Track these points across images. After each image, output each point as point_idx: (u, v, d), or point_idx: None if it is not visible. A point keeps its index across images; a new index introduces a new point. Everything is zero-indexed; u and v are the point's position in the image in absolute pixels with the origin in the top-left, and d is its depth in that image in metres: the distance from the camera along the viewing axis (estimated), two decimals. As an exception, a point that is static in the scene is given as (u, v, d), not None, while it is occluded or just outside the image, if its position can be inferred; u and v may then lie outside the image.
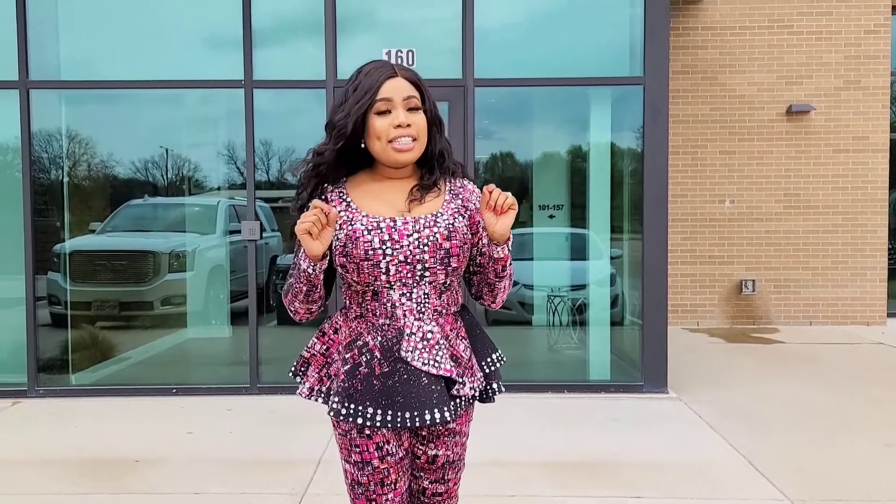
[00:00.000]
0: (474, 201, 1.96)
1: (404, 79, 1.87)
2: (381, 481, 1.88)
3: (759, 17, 8.73)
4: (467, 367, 1.93)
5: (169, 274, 6.80)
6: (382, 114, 1.85)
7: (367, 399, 1.81)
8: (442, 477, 2.01)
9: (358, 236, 1.82)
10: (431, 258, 1.84)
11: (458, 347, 1.92)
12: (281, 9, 5.90)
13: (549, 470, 4.06)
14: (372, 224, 1.84)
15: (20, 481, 3.92)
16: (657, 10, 5.57)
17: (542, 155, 7.26)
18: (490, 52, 5.74)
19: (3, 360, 5.90)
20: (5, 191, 5.90)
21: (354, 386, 1.83)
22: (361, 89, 1.84)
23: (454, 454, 2.00)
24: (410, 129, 1.85)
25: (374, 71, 1.87)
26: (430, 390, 1.82)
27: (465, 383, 1.90)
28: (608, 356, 6.21)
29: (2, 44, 5.67)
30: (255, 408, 5.33)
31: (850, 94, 8.75)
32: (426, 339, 1.85)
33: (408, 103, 1.86)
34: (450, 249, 1.85)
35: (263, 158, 6.32)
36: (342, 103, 1.88)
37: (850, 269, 8.87)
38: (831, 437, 4.63)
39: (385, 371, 1.82)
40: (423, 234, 1.84)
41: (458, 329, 1.95)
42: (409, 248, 1.83)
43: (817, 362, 6.84)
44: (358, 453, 1.86)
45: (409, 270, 1.83)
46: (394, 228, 1.84)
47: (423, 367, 1.83)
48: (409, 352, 1.83)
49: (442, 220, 1.88)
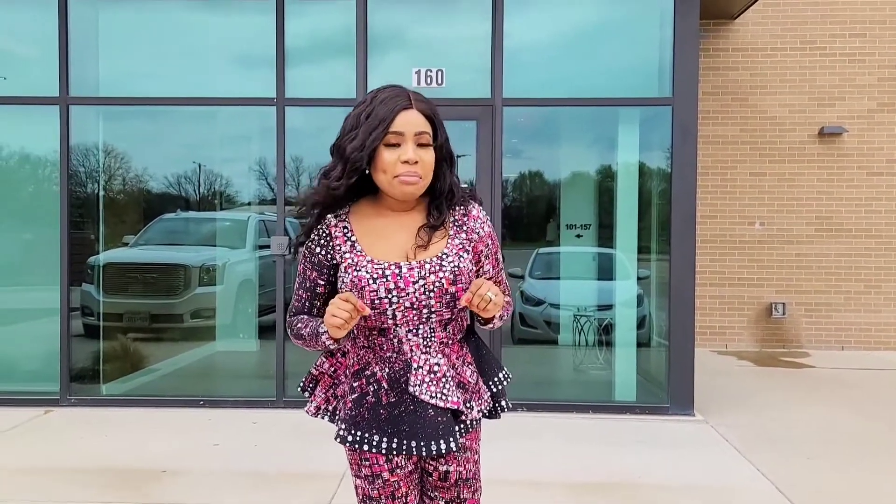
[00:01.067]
0: (478, 229, 1.93)
1: (419, 111, 1.82)
2: (392, 494, 1.89)
3: (790, 39, 8.68)
4: (474, 392, 1.95)
5: (199, 287, 6.89)
6: (391, 146, 1.80)
7: (374, 427, 1.83)
8: (458, 496, 2.00)
9: (364, 285, 1.80)
10: (437, 303, 1.83)
11: (465, 374, 1.94)
12: (313, 29, 6.01)
13: (573, 490, 4.03)
14: (377, 272, 1.81)
15: (49, 488, 4.00)
16: (686, 32, 5.58)
17: (570, 174, 7.26)
18: (519, 71, 5.79)
19: (37, 370, 6.02)
20: (43, 203, 6.06)
21: (361, 414, 1.84)
22: (375, 118, 1.79)
23: (466, 470, 1.99)
24: (416, 167, 1.81)
25: (389, 100, 1.81)
26: (437, 422, 1.82)
27: (473, 407, 1.92)
28: (634, 377, 6.16)
29: (44, 62, 5.85)
30: (280, 421, 5.37)
31: (885, 116, 8.65)
32: (433, 372, 1.85)
33: (418, 139, 1.81)
34: (455, 293, 1.84)
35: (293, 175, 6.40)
36: (354, 128, 1.82)
37: (884, 293, 8.72)
38: (860, 463, 4.54)
39: (392, 401, 1.83)
40: (428, 280, 1.82)
41: (463, 356, 1.96)
42: (416, 294, 1.81)
43: (848, 388, 6.72)
44: (368, 467, 1.88)
45: (415, 314, 1.83)
46: (399, 276, 1.81)
47: (431, 399, 1.83)
48: (417, 385, 1.83)
49: (447, 262, 1.84)
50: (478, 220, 1.94)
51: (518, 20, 5.79)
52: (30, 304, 6.20)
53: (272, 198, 6.37)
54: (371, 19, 5.74)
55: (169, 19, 6.10)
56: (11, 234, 6.22)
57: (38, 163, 6.29)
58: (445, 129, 1.89)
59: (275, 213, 5.96)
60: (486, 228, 1.95)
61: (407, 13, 6.03)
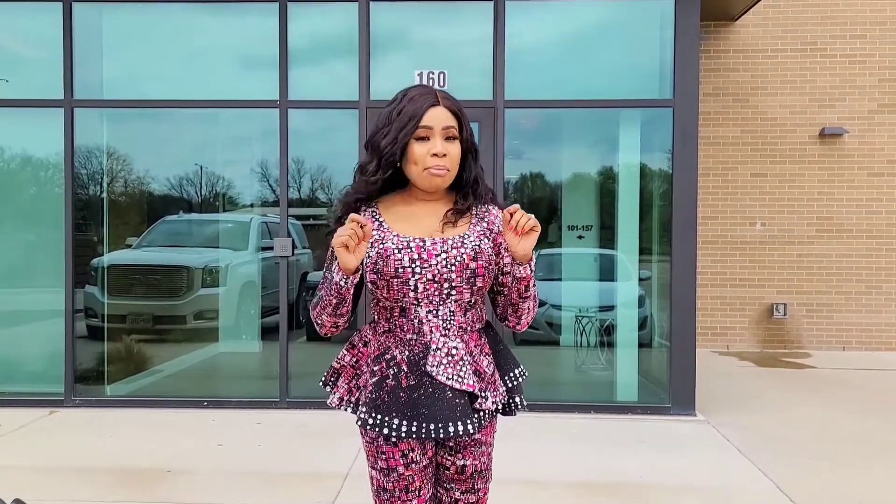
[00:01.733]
0: (498, 224, 2.02)
1: (445, 108, 1.95)
2: (406, 488, 1.95)
3: (791, 41, 8.70)
4: (490, 382, 1.99)
5: (202, 289, 6.92)
6: (421, 140, 1.93)
7: (394, 410, 1.88)
8: (472, 487, 2.08)
9: (389, 254, 1.90)
10: (458, 277, 1.91)
11: (482, 363, 1.99)
12: (316, 31, 6.05)
13: (574, 490, 4.06)
14: (402, 243, 1.92)
15: (54, 488, 4.02)
16: (687, 34, 5.61)
17: (572, 175, 7.28)
18: (520, 73, 5.82)
19: (42, 371, 6.05)
20: (47, 205, 6.09)
21: (381, 397, 1.90)
22: (405, 115, 1.92)
23: (481, 464, 2.06)
24: (445, 160, 1.93)
25: (418, 97, 1.94)
26: (454, 404, 1.89)
27: (488, 397, 1.96)
28: (636, 377, 6.18)
29: (49, 64, 5.89)
30: (284, 422, 5.40)
31: (885, 117, 8.67)
32: (451, 355, 1.92)
33: (446, 132, 1.94)
34: (475, 269, 1.92)
35: (296, 176, 6.43)
36: (386, 125, 1.95)
37: (885, 294, 8.74)
38: (862, 463, 4.56)
39: (411, 384, 1.90)
40: (450, 255, 1.91)
41: (481, 345, 2.01)
42: (437, 267, 1.90)
43: (849, 388, 6.74)
44: (384, 460, 1.94)
45: (437, 289, 1.91)
46: (423, 248, 1.91)
47: (448, 381, 1.89)
48: (434, 366, 1.90)
49: (469, 241, 1.95)
50: (498, 217, 2.05)
51: (519, 22, 5.81)
52: (34, 305, 6.22)
53: (274, 199, 6.40)
54: (373, 22, 5.77)
55: (172, 22, 6.13)
56: (16, 236, 6.26)
57: (43, 165, 6.33)
58: (470, 124, 2.02)
59: (277, 214, 5.99)
60: None
61: (409, 15, 6.06)
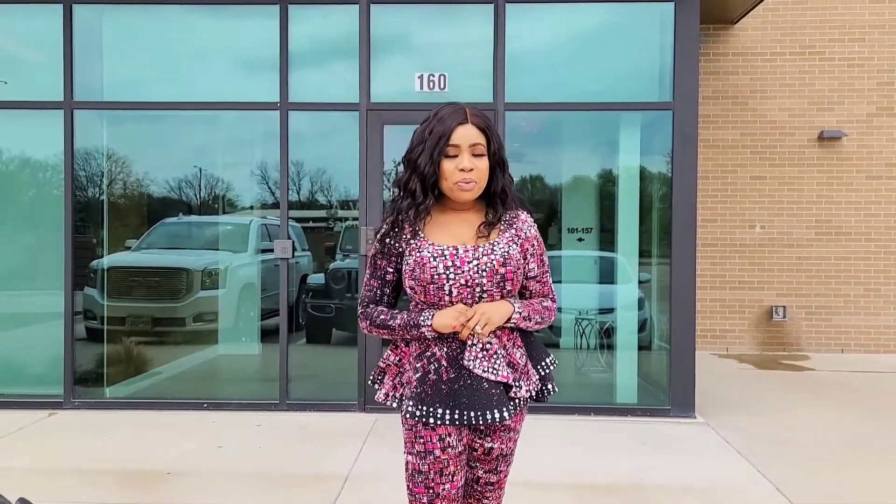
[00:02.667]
0: (525, 230, 2.20)
1: (474, 125, 2.11)
2: (441, 471, 2.10)
3: (790, 44, 8.72)
4: (523, 372, 2.17)
5: (201, 291, 6.92)
6: (451, 157, 2.09)
7: (437, 401, 2.08)
8: (495, 468, 2.26)
9: (425, 262, 2.08)
10: (489, 282, 2.09)
11: (515, 355, 2.16)
12: (316, 33, 6.05)
13: (574, 491, 4.06)
14: (437, 252, 2.10)
15: (55, 489, 4.02)
16: (687, 37, 5.62)
17: (572, 178, 7.29)
18: (521, 76, 5.83)
19: (41, 373, 6.04)
20: (47, 207, 6.09)
21: (425, 391, 2.09)
22: (436, 134, 2.09)
23: (507, 448, 2.24)
24: (472, 174, 2.10)
25: (447, 117, 2.10)
26: (491, 393, 2.08)
27: (522, 386, 2.15)
28: (635, 380, 6.18)
29: (49, 66, 5.89)
30: (284, 424, 5.39)
31: (884, 120, 8.69)
32: (486, 350, 2.10)
33: (473, 150, 2.10)
34: (505, 274, 2.10)
35: (295, 179, 6.44)
36: (420, 143, 2.12)
37: (884, 296, 8.75)
38: (860, 465, 4.57)
39: (452, 377, 2.09)
40: (481, 261, 2.09)
41: (514, 339, 2.18)
42: (470, 273, 2.08)
43: (848, 390, 6.75)
44: (421, 444, 2.10)
45: (469, 293, 2.08)
46: (456, 256, 2.09)
47: (483, 373, 2.08)
48: (471, 360, 2.08)
49: (498, 248, 2.12)
50: (525, 223, 2.22)
51: (520, 25, 5.83)
52: (34, 308, 6.22)
53: (274, 202, 6.41)
54: (374, 24, 5.78)
55: (172, 24, 6.13)
56: (15, 238, 6.25)
57: (42, 167, 6.33)
58: (500, 138, 2.19)
59: (277, 216, 5.99)
60: (532, 231, 2.22)
61: (410, 18, 6.07)
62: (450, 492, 2.11)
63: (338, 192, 7.12)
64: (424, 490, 2.10)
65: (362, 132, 5.73)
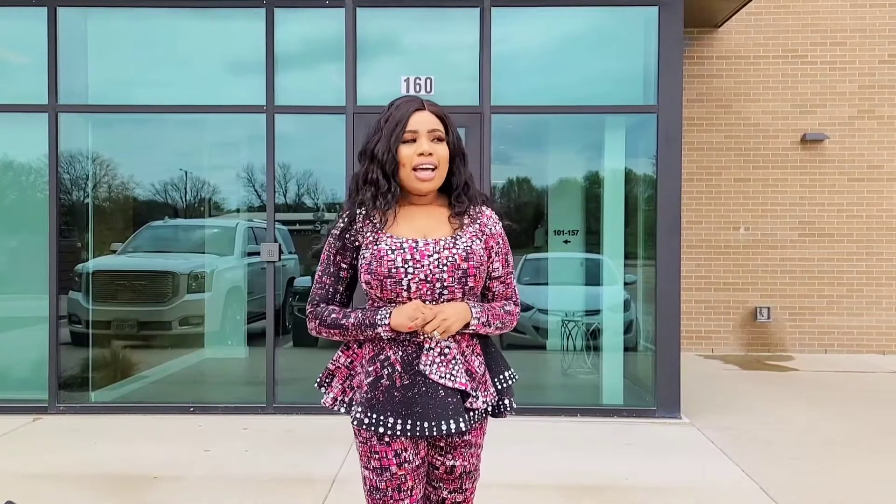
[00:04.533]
0: (490, 226, 2.09)
1: (431, 112, 2.04)
2: (399, 487, 1.98)
3: (773, 47, 8.81)
4: (481, 382, 2.04)
5: (187, 294, 6.89)
6: (408, 143, 2.00)
7: (388, 409, 1.94)
8: (460, 486, 2.13)
9: (382, 255, 1.96)
10: (450, 277, 1.96)
11: (473, 363, 2.04)
12: (303, 36, 6.06)
13: (561, 493, 4.08)
14: (395, 244, 1.97)
15: (40, 495, 4.00)
16: (671, 40, 5.67)
17: (558, 181, 7.33)
18: (507, 79, 5.86)
19: (26, 378, 6.01)
20: (31, 211, 6.05)
21: (377, 396, 1.96)
22: (392, 121, 2.01)
23: (470, 464, 2.11)
24: (432, 158, 2.00)
25: (403, 104, 2.04)
26: (447, 402, 1.95)
27: (479, 397, 2.01)
28: (621, 381, 6.22)
29: (33, 69, 5.86)
30: (271, 427, 5.39)
31: (865, 123, 8.79)
32: (444, 354, 1.98)
33: (432, 135, 2.02)
34: (467, 269, 1.98)
35: (282, 182, 6.43)
36: (376, 132, 2.03)
37: (866, 297, 8.85)
38: (845, 464, 4.62)
39: (405, 383, 1.95)
40: (442, 255, 1.97)
41: (473, 346, 2.06)
42: (430, 267, 1.95)
43: (832, 390, 6.82)
44: (377, 460, 1.97)
45: (429, 288, 1.95)
46: (416, 249, 1.97)
47: (440, 380, 1.95)
48: (428, 365, 1.96)
49: (461, 242, 2.01)
50: (490, 219, 2.11)
51: (506, 28, 5.86)
52: (18, 312, 6.18)
53: (260, 205, 6.40)
54: (360, 27, 5.79)
55: (158, 27, 6.11)
56: (-1, 242, 6.22)
57: (26, 170, 6.29)
58: (457, 132, 2.11)
59: (263, 220, 5.98)
60: (497, 228, 2.11)
61: (396, 22, 6.08)
62: None
63: (324, 194, 7.12)
64: None
65: (349, 135, 5.74)
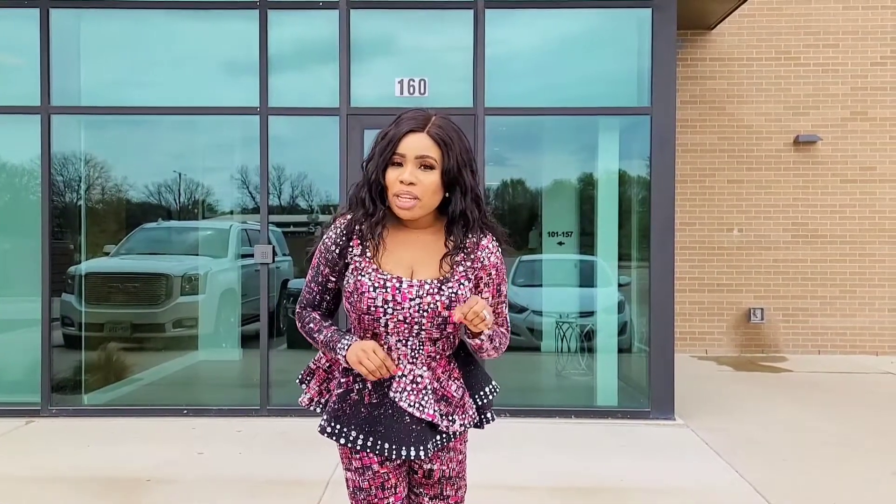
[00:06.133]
0: (484, 258, 1.99)
1: (429, 136, 1.89)
2: (382, 485, 1.97)
3: (766, 49, 8.84)
4: (458, 405, 2.01)
5: (181, 297, 6.87)
6: (396, 165, 1.90)
7: (353, 423, 1.92)
8: (440, 492, 2.09)
9: (364, 291, 1.90)
10: (429, 323, 1.92)
11: (450, 388, 2.01)
12: (296, 38, 6.05)
13: (556, 494, 4.08)
14: (378, 282, 1.90)
15: (33, 498, 3.98)
16: (664, 42, 5.68)
17: (552, 182, 7.34)
18: (501, 81, 5.86)
19: (18, 380, 5.97)
20: (23, 213, 6.03)
21: (343, 409, 1.94)
22: (387, 139, 1.91)
23: (449, 469, 2.07)
24: (413, 188, 1.88)
25: (404, 122, 1.91)
26: (411, 429, 1.91)
27: (455, 420, 1.98)
28: (616, 382, 6.23)
29: (25, 70, 5.84)
30: (264, 430, 5.37)
31: (857, 124, 8.83)
32: (415, 383, 1.94)
33: (420, 161, 1.88)
34: (447, 318, 1.92)
35: (276, 183, 6.42)
36: (374, 146, 1.94)
37: (859, 298, 8.88)
38: (839, 465, 4.63)
39: (374, 402, 1.93)
40: (424, 301, 1.90)
41: (450, 371, 2.03)
42: (410, 311, 1.90)
43: (825, 391, 6.84)
44: (358, 460, 1.97)
45: (407, 329, 1.92)
46: (398, 290, 1.90)
47: (409, 408, 1.92)
48: (398, 392, 1.93)
49: (446, 287, 1.92)
50: (485, 250, 2.00)
51: (500, 31, 5.86)
52: (9, 314, 6.14)
53: (254, 206, 6.38)
54: (354, 29, 5.78)
55: (151, 28, 6.09)
56: (-9, 244, 6.18)
57: (18, 172, 6.26)
58: (467, 158, 1.94)
59: (257, 221, 5.97)
60: (492, 259, 2.00)
61: (390, 23, 6.08)
62: None
63: (318, 196, 7.10)
64: None
65: (343, 137, 5.73)
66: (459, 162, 1.92)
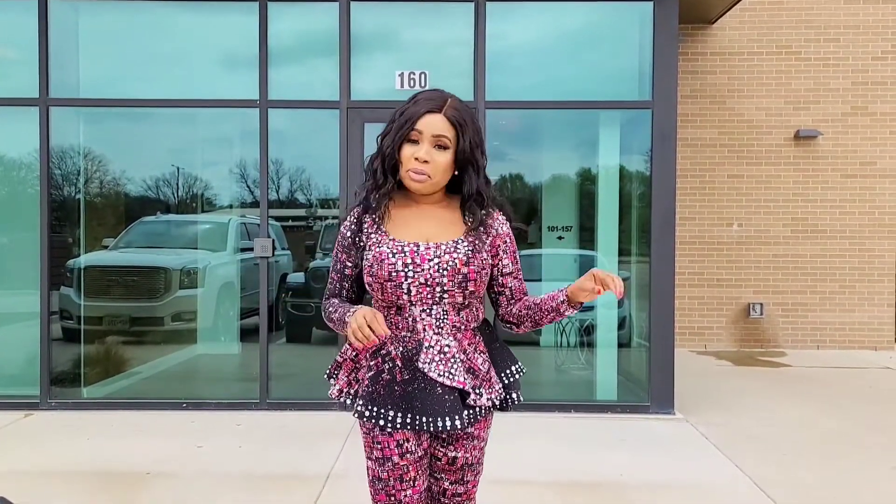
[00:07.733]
0: (497, 227, 2.09)
1: (446, 117, 1.98)
2: (401, 477, 2.00)
3: (766, 44, 8.82)
4: (485, 379, 2.05)
5: (180, 290, 6.86)
6: (412, 142, 1.99)
7: (389, 403, 1.96)
8: (462, 478, 2.15)
9: (383, 258, 1.97)
10: (450, 282, 1.97)
11: (476, 361, 2.05)
12: (296, 31, 6.02)
13: (555, 488, 4.08)
14: (397, 248, 1.98)
15: (31, 492, 3.97)
16: (665, 36, 5.66)
17: (552, 177, 7.32)
18: (501, 74, 5.83)
19: (17, 374, 5.97)
20: (21, 206, 6.01)
21: (377, 391, 1.98)
22: (404, 117, 1.99)
23: (472, 457, 2.13)
24: (427, 166, 1.98)
25: (422, 101, 2.01)
26: (444, 399, 1.96)
27: (482, 394, 2.02)
28: (615, 377, 6.23)
29: (24, 62, 5.81)
30: (264, 423, 5.37)
31: (858, 119, 8.81)
32: (443, 353, 1.99)
33: (436, 140, 1.98)
34: (467, 274, 1.98)
35: (275, 177, 6.40)
36: (391, 123, 2.02)
37: (858, 293, 8.88)
38: (838, 460, 4.63)
39: (406, 378, 1.97)
40: (442, 260, 1.97)
41: (476, 343, 2.07)
42: (430, 271, 1.96)
43: (825, 386, 6.84)
44: (379, 450, 2.00)
45: (429, 292, 1.97)
46: (416, 252, 1.98)
47: (439, 378, 1.96)
48: (426, 363, 1.97)
49: (462, 246, 2.01)
50: (497, 220, 2.11)
51: (501, 24, 5.83)
52: (8, 308, 6.13)
53: (253, 200, 6.37)
54: (354, 22, 5.76)
55: (150, 21, 6.06)
56: (-10, 237, 6.17)
57: (16, 165, 6.23)
58: (478, 139, 2.04)
59: (256, 215, 5.96)
60: (504, 228, 2.11)
61: (390, 16, 6.05)
62: (412, 497, 2.02)
63: (318, 190, 7.09)
64: (386, 497, 2.01)
65: (343, 130, 5.72)
66: (472, 143, 2.02)
